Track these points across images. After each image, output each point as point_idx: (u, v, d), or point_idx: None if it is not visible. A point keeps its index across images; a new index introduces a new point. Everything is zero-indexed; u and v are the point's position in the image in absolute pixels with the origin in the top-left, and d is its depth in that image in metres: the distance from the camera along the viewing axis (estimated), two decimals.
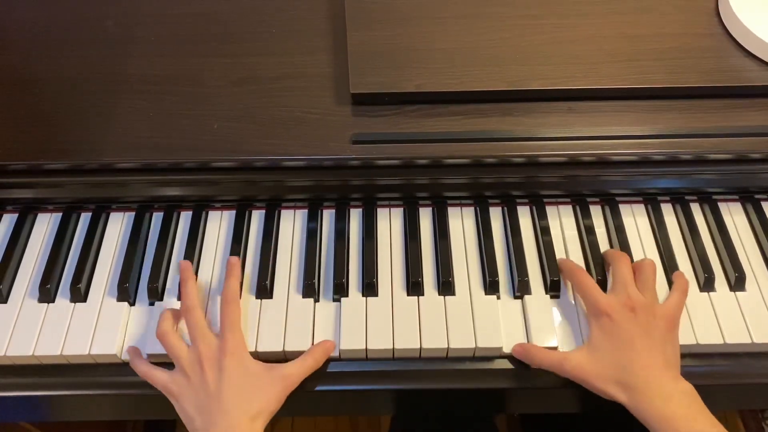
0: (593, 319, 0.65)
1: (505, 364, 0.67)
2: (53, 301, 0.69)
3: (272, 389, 0.62)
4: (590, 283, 0.67)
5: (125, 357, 0.66)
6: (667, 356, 0.62)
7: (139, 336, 0.67)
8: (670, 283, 0.70)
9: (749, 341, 0.66)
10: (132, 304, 0.70)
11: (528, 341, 0.66)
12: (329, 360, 0.66)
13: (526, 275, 0.70)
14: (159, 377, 0.63)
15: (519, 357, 0.66)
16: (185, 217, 0.76)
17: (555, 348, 0.66)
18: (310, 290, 0.69)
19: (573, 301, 0.69)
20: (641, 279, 0.67)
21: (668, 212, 0.75)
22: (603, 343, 0.63)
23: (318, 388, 0.66)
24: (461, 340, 0.66)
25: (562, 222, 0.75)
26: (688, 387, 0.60)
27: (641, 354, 0.61)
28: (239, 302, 0.66)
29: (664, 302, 0.66)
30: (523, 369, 0.67)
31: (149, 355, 0.66)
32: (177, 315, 0.67)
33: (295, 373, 0.63)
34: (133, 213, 0.76)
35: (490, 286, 0.69)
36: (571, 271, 0.69)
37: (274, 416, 0.64)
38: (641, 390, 0.60)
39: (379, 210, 0.76)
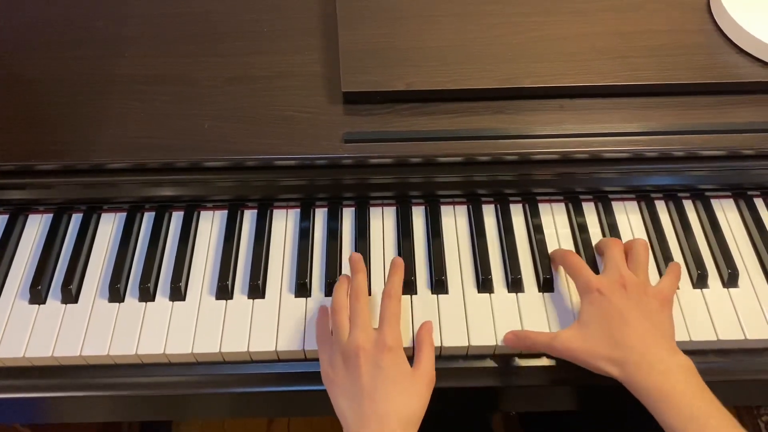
0: (583, 296, 0.64)
1: (499, 363, 0.67)
2: (44, 303, 0.69)
3: (425, 392, 0.60)
4: (581, 263, 0.66)
5: (115, 353, 0.65)
6: (662, 329, 0.61)
7: (130, 336, 0.67)
8: None
9: (742, 338, 0.66)
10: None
11: None
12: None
13: (519, 273, 0.69)
14: (322, 358, 0.62)
15: (511, 345, 0.65)
16: (177, 218, 0.75)
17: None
18: (302, 290, 0.69)
19: (567, 299, 0.69)
20: (633, 260, 0.66)
21: (661, 209, 0.75)
22: (593, 318, 0.62)
23: (312, 388, 0.65)
24: (454, 339, 0.66)
25: (555, 220, 0.75)
26: (686, 361, 0.58)
27: (634, 327, 0.60)
28: (401, 298, 0.65)
29: (657, 284, 0.65)
30: (515, 367, 0.67)
31: (139, 355, 0.66)
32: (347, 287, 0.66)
33: (432, 370, 0.61)
34: (125, 214, 0.75)
35: (484, 285, 0.69)
36: (563, 256, 0.68)
37: (271, 417, 0.64)
38: (636, 363, 0.58)
39: (372, 209, 0.76)
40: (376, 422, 0.57)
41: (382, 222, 0.75)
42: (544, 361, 0.67)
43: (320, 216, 0.75)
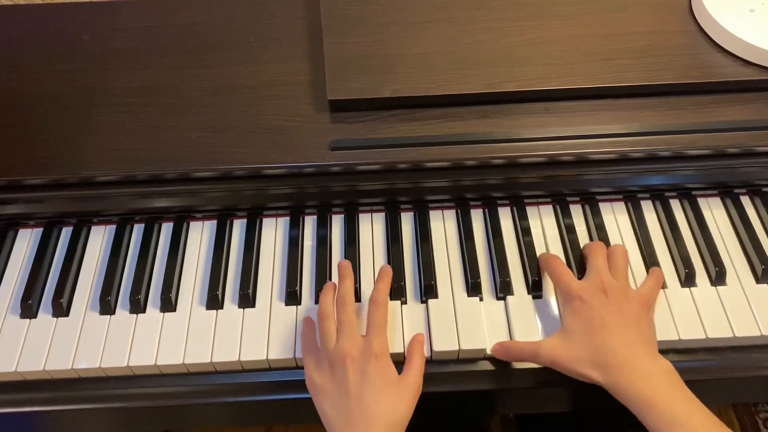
0: (566, 303, 0.65)
1: (489, 366, 0.67)
2: (35, 317, 0.69)
3: (411, 399, 0.60)
4: (563, 269, 0.67)
5: (107, 365, 0.65)
6: (643, 333, 0.62)
7: (122, 348, 0.67)
8: None
9: (731, 335, 0.66)
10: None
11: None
12: None
13: (508, 276, 0.70)
14: (307, 365, 0.63)
15: (499, 356, 0.66)
16: (166, 229, 0.76)
17: None
18: (292, 298, 0.69)
19: (555, 301, 0.69)
20: (613, 264, 0.67)
21: (648, 209, 0.76)
22: (576, 325, 0.62)
23: (305, 396, 0.65)
24: (445, 343, 0.66)
25: (543, 222, 0.75)
26: (666, 364, 0.59)
27: (615, 332, 0.60)
28: (388, 305, 0.65)
29: (638, 288, 0.67)
30: (507, 370, 0.67)
31: (131, 367, 0.66)
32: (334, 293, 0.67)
33: (420, 380, 0.62)
34: (114, 226, 0.76)
35: (473, 288, 0.69)
36: (547, 261, 0.69)
37: (268, 425, 0.64)
38: (618, 368, 0.59)
39: (360, 215, 0.76)
40: (363, 427, 0.57)
41: (371, 228, 0.75)
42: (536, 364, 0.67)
43: (309, 223, 0.76)
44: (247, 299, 0.69)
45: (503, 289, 0.69)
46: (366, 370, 0.60)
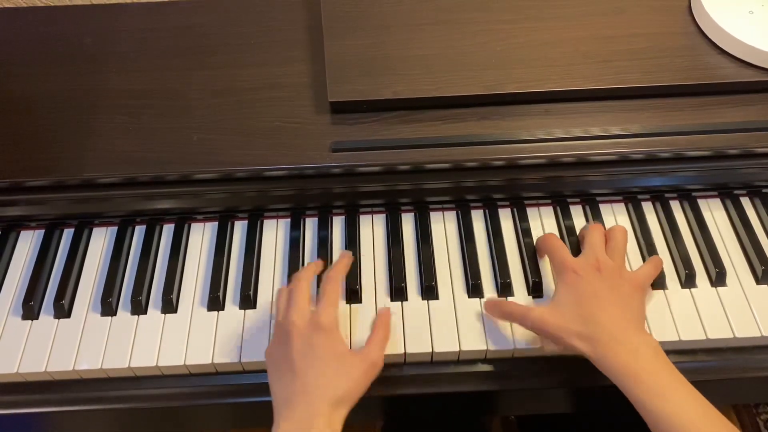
0: (559, 276, 0.66)
1: (490, 367, 0.67)
2: (37, 318, 0.69)
3: (359, 375, 0.59)
4: (559, 244, 0.68)
5: (108, 366, 0.66)
6: (633, 311, 0.62)
7: (123, 349, 0.67)
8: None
9: (731, 336, 0.66)
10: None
11: (512, 342, 0.66)
12: None
13: (509, 277, 0.70)
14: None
15: (488, 311, 0.67)
16: (167, 230, 0.76)
17: (539, 348, 0.66)
18: None
19: None
20: (611, 245, 0.68)
21: (648, 210, 0.76)
22: (567, 297, 0.63)
23: None
24: (446, 344, 0.66)
25: (543, 223, 0.75)
26: (653, 341, 0.60)
27: (605, 307, 0.61)
28: (341, 282, 0.66)
29: (634, 270, 0.67)
30: (508, 371, 0.67)
31: (132, 368, 0.66)
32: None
33: (379, 356, 0.62)
34: (116, 228, 0.76)
35: (473, 289, 0.69)
36: (543, 238, 0.70)
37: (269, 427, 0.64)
38: (605, 342, 0.59)
39: (361, 216, 0.76)
40: (304, 401, 0.57)
41: (372, 229, 0.75)
42: (537, 365, 0.68)
43: (310, 225, 0.76)
44: (248, 300, 0.69)
45: (504, 291, 0.69)
46: (311, 341, 0.59)
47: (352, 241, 0.73)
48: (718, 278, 0.70)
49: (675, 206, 0.76)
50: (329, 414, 0.56)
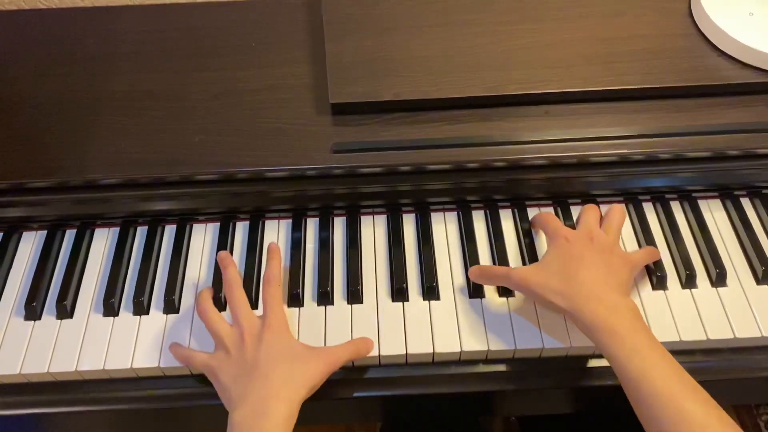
0: (550, 242, 0.67)
1: (491, 368, 0.67)
2: (39, 319, 0.70)
3: (315, 363, 0.60)
4: (553, 217, 0.70)
5: (110, 367, 0.66)
6: (618, 278, 0.63)
7: (125, 350, 0.67)
8: (651, 282, 0.70)
9: (732, 336, 0.66)
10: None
11: (513, 342, 0.66)
12: None
13: None
14: (199, 357, 0.63)
15: (474, 278, 0.68)
16: (169, 231, 0.76)
17: (540, 348, 0.66)
18: (295, 300, 0.70)
19: None
20: (607, 221, 0.69)
21: (649, 211, 0.76)
22: (554, 258, 0.64)
23: None
24: (447, 345, 0.66)
25: None
26: (633, 304, 0.60)
27: (589, 267, 0.62)
28: (281, 282, 0.67)
29: (629, 252, 0.68)
30: (509, 371, 0.67)
31: (135, 369, 0.66)
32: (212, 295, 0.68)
33: (337, 352, 0.62)
34: (118, 228, 0.76)
35: (475, 290, 0.70)
36: (539, 214, 0.72)
37: None
38: (585, 298, 0.60)
39: (362, 217, 0.76)
40: (261, 383, 0.58)
41: (373, 230, 0.75)
42: (538, 365, 0.68)
43: (311, 226, 0.76)
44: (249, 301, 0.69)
45: (505, 291, 0.69)
46: (262, 339, 0.61)
47: (353, 242, 0.74)
48: (719, 279, 0.70)
49: (675, 207, 0.76)
50: (287, 395, 0.57)
